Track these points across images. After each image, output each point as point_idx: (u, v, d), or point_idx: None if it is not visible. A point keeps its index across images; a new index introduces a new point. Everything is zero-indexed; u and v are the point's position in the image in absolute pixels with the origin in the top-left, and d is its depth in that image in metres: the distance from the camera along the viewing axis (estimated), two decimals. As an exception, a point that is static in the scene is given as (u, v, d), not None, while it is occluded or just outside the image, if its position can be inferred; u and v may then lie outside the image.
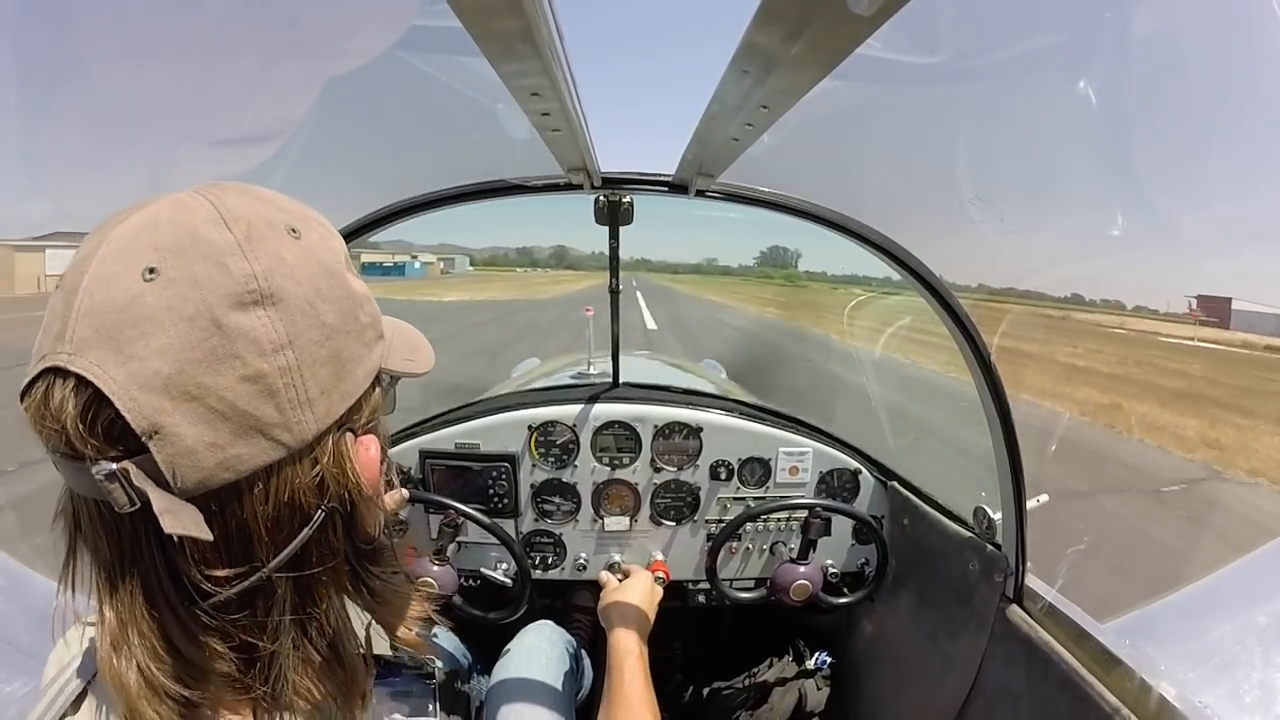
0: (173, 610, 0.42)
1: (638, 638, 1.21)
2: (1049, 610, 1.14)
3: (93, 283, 0.40)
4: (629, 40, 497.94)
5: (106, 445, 0.39)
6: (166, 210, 0.43)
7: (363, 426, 0.50)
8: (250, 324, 0.41)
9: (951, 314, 1.20)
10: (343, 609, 0.50)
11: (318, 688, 0.48)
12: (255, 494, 0.42)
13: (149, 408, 0.38)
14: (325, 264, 0.46)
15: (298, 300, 0.43)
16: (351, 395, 0.47)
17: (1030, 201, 1.29)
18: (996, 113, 1.08)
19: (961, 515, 1.44)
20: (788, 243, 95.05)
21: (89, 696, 0.49)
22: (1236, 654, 1.09)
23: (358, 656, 0.51)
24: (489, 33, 0.51)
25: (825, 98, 0.65)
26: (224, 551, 0.42)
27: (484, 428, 1.64)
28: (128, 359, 0.38)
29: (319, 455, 0.45)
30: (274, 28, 0.84)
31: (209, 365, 0.39)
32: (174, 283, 0.40)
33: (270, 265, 0.42)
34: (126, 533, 0.41)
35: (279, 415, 0.42)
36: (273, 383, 0.41)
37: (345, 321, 0.46)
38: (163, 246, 0.40)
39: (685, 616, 1.76)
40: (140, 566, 0.42)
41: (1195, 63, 1.01)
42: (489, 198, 1.25)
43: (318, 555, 0.46)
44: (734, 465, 1.67)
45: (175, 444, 0.39)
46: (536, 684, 1.27)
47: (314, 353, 0.43)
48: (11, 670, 1.01)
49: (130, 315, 0.39)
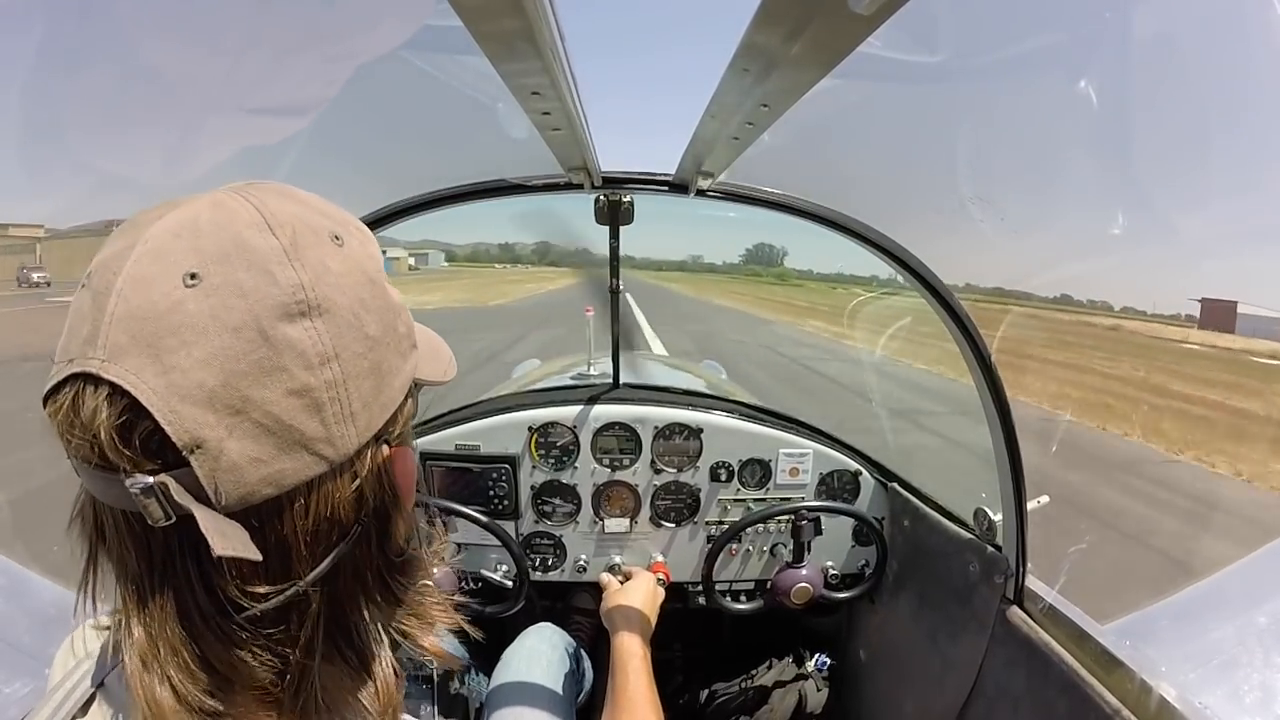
0: (207, 625, 0.41)
1: (641, 639, 1.21)
2: (1049, 611, 1.14)
3: (127, 285, 0.38)
4: (629, 39, 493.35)
5: (143, 458, 0.37)
6: (206, 211, 0.41)
7: (396, 438, 0.48)
8: (298, 336, 0.39)
9: (952, 314, 1.20)
10: (373, 620, 0.49)
11: (348, 700, 0.47)
12: (296, 509, 0.41)
13: (191, 421, 0.37)
14: (368, 273, 0.45)
15: (343, 311, 0.42)
16: (389, 407, 0.46)
17: (1030, 200, 1.29)
18: (997, 112, 1.08)
19: (962, 517, 1.44)
20: (773, 240, 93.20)
21: (98, 701, 0.48)
22: (1236, 655, 1.09)
23: (388, 667, 0.50)
24: (490, 32, 0.51)
25: (825, 96, 0.65)
26: (263, 567, 0.41)
27: (484, 429, 1.64)
28: (168, 369, 0.37)
29: (359, 469, 0.44)
30: (271, 30, 0.84)
31: (255, 378, 0.38)
32: (218, 290, 0.38)
33: (316, 274, 0.41)
34: (158, 546, 0.40)
35: (323, 430, 0.41)
36: (319, 397, 0.40)
37: (386, 333, 0.45)
38: (205, 250, 0.39)
39: (685, 618, 1.76)
40: (173, 580, 0.40)
41: (1196, 62, 1.01)
42: (489, 197, 1.25)
43: (351, 567, 0.46)
44: (734, 467, 1.67)
45: (218, 459, 0.37)
46: (537, 686, 1.27)
47: (358, 365, 0.42)
48: (11, 670, 1.01)
49: (171, 323, 0.37)
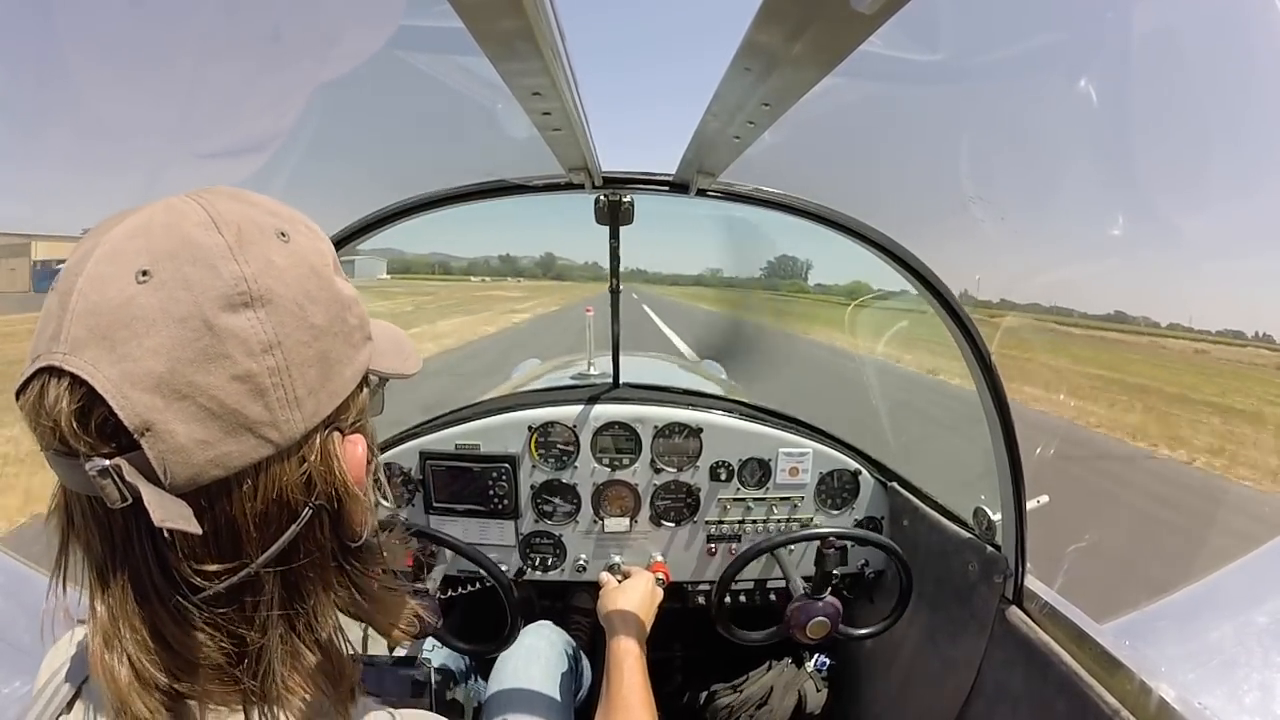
0: (163, 603, 0.43)
1: (637, 639, 1.20)
2: (1049, 611, 1.14)
3: (87, 284, 0.41)
4: (630, 39, 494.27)
5: (100, 442, 0.40)
6: (159, 214, 0.44)
7: (350, 426, 0.51)
8: (240, 325, 0.42)
9: (952, 313, 1.20)
10: (331, 606, 0.51)
11: (306, 682, 0.49)
12: (244, 490, 0.43)
13: (141, 405, 0.39)
14: (313, 266, 0.47)
15: (286, 302, 0.44)
16: (339, 395, 0.48)
17: (1030, 201, 1.29)
18: (998, 111, 1.08)
19: (961, 516, 1.44)
20: (796, 252, 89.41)
21: (80, 700, 0.49)
22: (1236, 654, 1.09)
23: (346, 653, 0.52)
24: (490, 32, 0.51)
25: (825, 95, 0.65)
26: (213, 546, 0.43)
27: (484, 429, 1.64)
28: (121, 358, 0.40)
29: (306, 453, 0.46)
30: (270, 29, 0.84)
31: (200, 365, 0.41)
32: (166, 284, 0.41)
33: (260, 268, 0.43)
34: (118, 528, 0.42)
35: (267, 414, 0.43)
36: (261, 382, 0.42)
37: (333, 323, 0.47)
38: (155, 249, 0.42)
39: (685, 618, 1.76)
40: (131, 561, 0.43)
41: (1197, 60, 1.01)
42: (489, 198, 1.25)
43: (305, 552, 0.48)
44: (734, 466, 1.67)
45: (166, 441, 0.40)
46: (535, 685, 1.27)
47: (302, 353, 0.45)
48: (11, 670, 1.01)
49: (124, 316, 0.40)
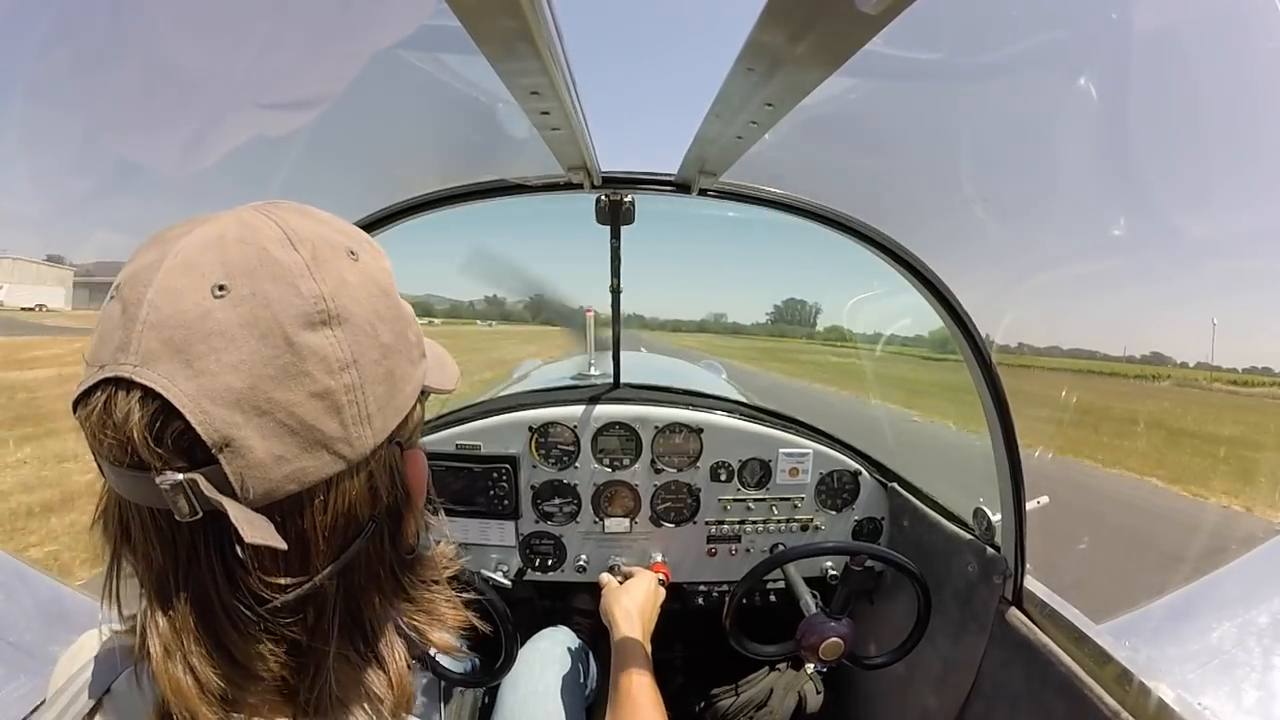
0: (228, 616, 0.43)
1: (642, 637, 1.20)
2: (1048, 612, 1.14)
3: (158, 296, 0.40)
4: (630, 38, 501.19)
5: (173, 456, 0.40)
6: (233, 227, 0.44)
7: (409, 440, 0.52)
8: (319, 343, 0.43)
9: (952, 313, 1.20)
10: (386, 615, 0.52)
11: (361, 691, 0.49)
12: (316, 505, 0.44)
13: (220, 421, 0.40)
14: (381, 285, 0.48)
15: (360, 320, 0.45)
16: (401, 411, 0.49)
17: (1031, 200, 1.29)
18: (999, 110, 1.07)
19: (961, 517, 1.44)
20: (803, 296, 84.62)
21: (102, 709, 0.49)
22: (1236, 654, 1.09)
23: (402, 661, 0.53)
24: (488, 32, 0.51)
25: (825, 94, 0.65)
26: (284, 559, 0.44)
27: (484, 429, 1.64)
28: (198, 373, 0.40)
29: (373, 468, 0.47)
30: (270, 30, 0.84)
31: (281, 381, 0.41)
32: (245, 300, 0.41)
33: (335, 287, 0.44)
34: (183, 541, 0.42)
35: (342, 430, 0.44)
36: (338, 399, 0.43)
37: (398, 340, 0.48)
38: (232, 264, 0.42)
39: (685, 618, 1.76)
40: (196, 573, 0.43)
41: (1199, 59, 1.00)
42: (489, 197, 1.25)
43: (366, 563, 0.49)
44: (734, 466, 1.67)
45: (245, 456, 0.40)
46: (551, 689, 1.28)
47: (373, 371, 0.46)
48: (11, 670, 1.01)
49: (201, 330, 0.40)
